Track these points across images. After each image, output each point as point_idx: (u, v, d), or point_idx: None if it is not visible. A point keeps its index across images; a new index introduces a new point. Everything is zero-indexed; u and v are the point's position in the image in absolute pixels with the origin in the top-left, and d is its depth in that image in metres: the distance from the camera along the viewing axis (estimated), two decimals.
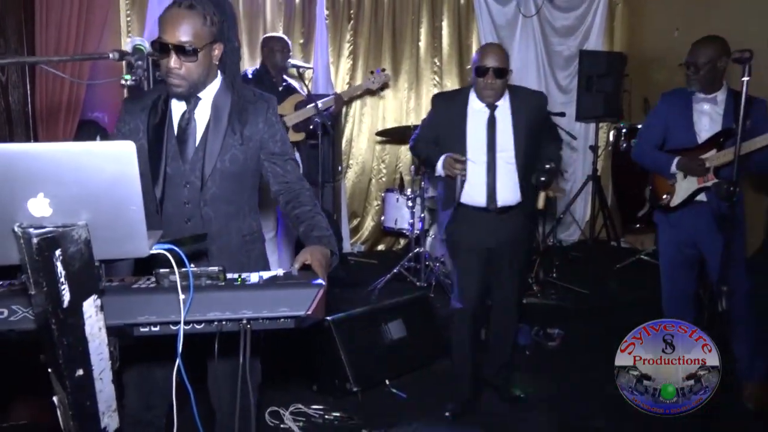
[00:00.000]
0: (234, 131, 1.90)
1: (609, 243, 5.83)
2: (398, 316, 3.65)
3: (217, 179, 1.90)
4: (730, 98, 3.13)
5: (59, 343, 1.23)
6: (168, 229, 1.85)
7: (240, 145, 1.91)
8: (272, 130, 1.96)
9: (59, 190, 1.19)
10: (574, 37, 6.26)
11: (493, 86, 2.87)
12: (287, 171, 1.98)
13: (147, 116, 1.91)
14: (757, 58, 2.47)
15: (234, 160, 1.91)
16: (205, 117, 1.91)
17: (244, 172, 1.95)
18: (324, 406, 3.20)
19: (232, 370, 1.87)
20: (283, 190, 1.98)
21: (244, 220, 2.00)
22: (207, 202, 1.90)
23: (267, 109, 1.95)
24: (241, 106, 1.91)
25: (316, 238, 1.84)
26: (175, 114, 1.92)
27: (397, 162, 6.11)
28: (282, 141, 1.98)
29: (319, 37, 5.68)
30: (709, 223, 3.12)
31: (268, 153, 1.96)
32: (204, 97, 1.91)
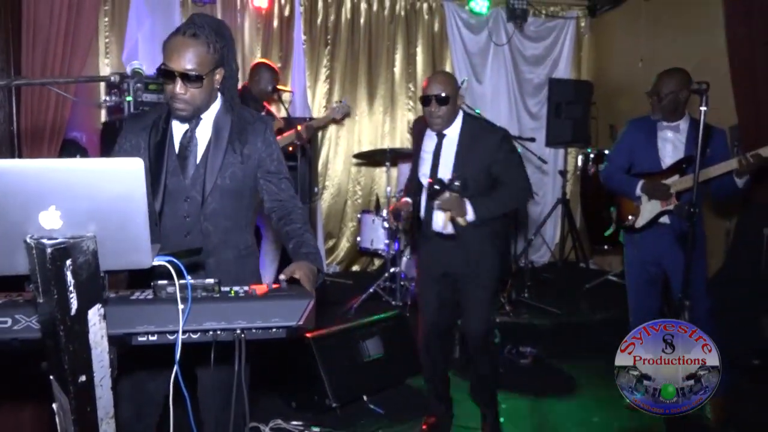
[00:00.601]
0: (234, 150, 1.98)
1: (578, 264, 6.00)
2: (375, 333, 3.73)
3: (217, 195, 1.98)
4: (692, 127, 3.33)
5: (66, 349, 1.28)
6: (167, 241, 1.92)
7: (240, 164, 1.99)
8: (270, 149, 2.05)
9: (70, 204, 1.26)
10: (543, 66, 6.49)
11: (438, 114, 2.85)
12: (281, 189, 2.07)
13: (148, 134, 2.00)
14: (719, 89, 2.63)
15: (233, 177, 1.99)
16: (206, 135, 2.00)
17: (243, 189, 2.03)
18: (303, 421, 3.25)
19: (222, 380, 1.94)
20: (276, 207, 2.07)
21: (241, 235, 2.08)
22: (207, 216, 1.98)
23: (265, 130, 2.05)
24: (240, 126, 2.01)
25: (304, 254, 1.92)
26: (176, 132, 2.01)
27: (372, 184, 6.21)
28: (278, 160, 2.07)
29: (296, 61, 5.80)
30: (672, 244, 3.30)
31: (265, 171, 2.05)
32: (205, 117, 2.00)
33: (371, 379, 3.58)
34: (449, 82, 2.89)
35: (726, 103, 4.33)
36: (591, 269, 5.93)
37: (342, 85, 5.99)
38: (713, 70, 4.14)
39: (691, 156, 3.27)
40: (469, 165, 2.86)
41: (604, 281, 5.43)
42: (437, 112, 2.84)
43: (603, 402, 3.66)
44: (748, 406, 2.15)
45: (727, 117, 4.40)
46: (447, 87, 2.84)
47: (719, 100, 3.41)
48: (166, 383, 2.05)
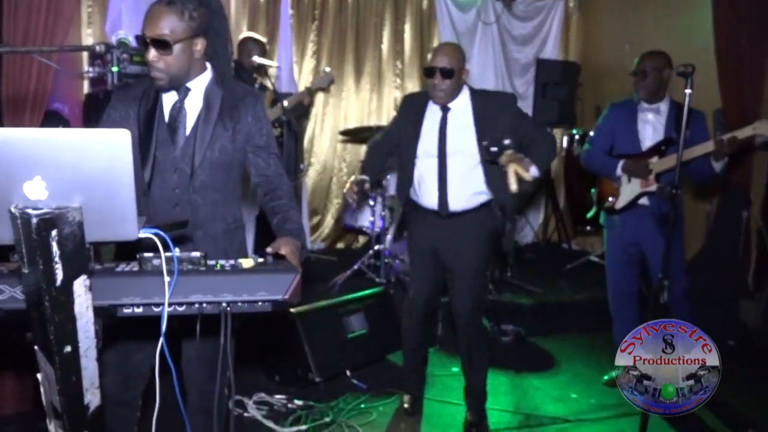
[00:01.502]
0: (224, 123, 1.98)
1: (560, 245, 6.07)
2: (359, 309, 3.76)
3: (207, 168, 1.98)
4: (672, 109, 3.37)
5: (51, 320, 1.29)
6: (156, 212, 1.93)
7: (230, 137, 1.99)
8: (259, 124, 2.04)
9: (55, 174, 1.25)
10: (531, 46, 6.47)
11: (441, 87, 2.79)
12: (269, 164, 2.06)
13: (138, 104, 1.98)
14: (704, 73, 2.66)
15: (223, 150, 1.99)
16: (197, 107, 1.99)
17: (232, 163, 2.03)
18: (287, 395, 3.28)
19: (207, 353, 1.96)
20: (262, 182, 2.07)
21: (229, 208, 2.08)
22: (196, 189, 1.98)
23: (255, 104, 2.04)
24: (231, 99, 2.00)
25: (288, 230, 1.93)
26: (166, 103, 2.00)
27: (358, 161, 6.18)
28: (267, 135, 2.07)
29: (283, 36, 5.73)
30: (651, 225, 3.35)
31: (254, 146, 2.05)
32: (194, 88, 1.98)
33: (354, 355, 3.62)
34: (455, 54, 2.80)
35: (711, 86, 4.37)
36: (573, 250, 6.00)
37: (329, 61, 5.93)
38: (699, 54, 4.17)
39: (670, 138, 3.31)
40: (494, 131, 2.75)
41: (586, 262, 5.50)
42: (441, 84, 2.78)
43: (581, 378, 3.74)
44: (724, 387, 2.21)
45: (712, 100, 4.44)
46: (452, 60, 2.77)
47: (704, 83, 3.44)
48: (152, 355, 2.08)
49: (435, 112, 2.91)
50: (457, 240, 2.93)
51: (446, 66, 2.76)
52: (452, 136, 2.87)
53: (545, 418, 3.26)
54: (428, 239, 3.01)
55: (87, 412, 1.41)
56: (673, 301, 2.64)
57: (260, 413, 3.11)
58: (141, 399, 2.12)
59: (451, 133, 2.87)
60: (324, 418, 3.11)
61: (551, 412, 3.32)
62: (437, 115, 2.89)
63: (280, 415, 3.12)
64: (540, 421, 3.23)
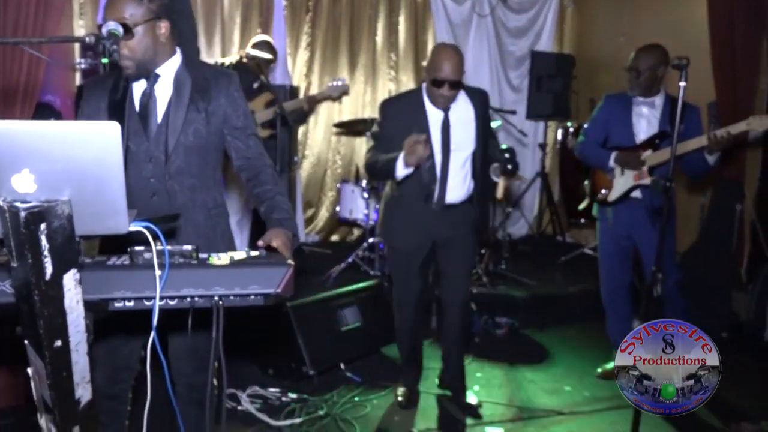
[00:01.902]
0: (196, 106, 1.94)
1: (555, 237, 6.07)
2: (353, 302, 3.75)
3: (181, 153, 1.94)
4: (666, 103, 3.37)
5: (40, 314, 1.27)
6: (133, 204, 1.89)
7: (203, 120, 1.95)
8: (235, 104, 2.00)
9: (44, 167, 1.24)
10: (525, 38, 6.45)
11: (448, 96, 2.85)
12: (249, 146, 2.03)
13: (108, 96, 1.94)
14: (699, 66, 2.65)
15: (197, 134, 1.95)
16: (167, 93, 1.95)
17: (208, 147, 1.99)
18: (281, 388, 3.28)
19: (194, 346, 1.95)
20: (244, 165, 2.04)
21: (209, 193, 2.04)
22: (172, 175, 1.95)
23: (229, 85, 2.00)
24: (202, 81, 1.96)
25: (277, 220, 1.90)
26: (136, 92, 1.96)
27: (352, 154, 6.18)
28: (244, 116, 2.02)
29: (276, 28, 5.69)
30: (643, 218, 3.36)
31: (231, 127, 2.01)
32: (163, 74, 1.94)
33: (348, 348, 3.62)
34: (462, 63, 2.85)
35: (705, 79, 4.36)
36: (567, 242, 6.00)
37: (323, 53, 5.90)
38: (694, 47, 4.15)
39: (664, 131, 3.32)
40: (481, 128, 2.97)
41: (580, 254, 5.51)
42: (449, 95, 2.84)
43: (575, 371, 3.75)
44: None
45: (706, 93, 4.44)
46: (461, 71, 2.83)
47: (699, 76, 3.43)
48: (140, 348, 2.07)
49: (436, 115, 2.94)
50: (451, 231, 3.01)
51: (456, 79, 2.82)
52: (454, 134, 2.94)
53: (539, 410, 3.26)
54: (421, 233, 3.02)
55: (78, 407, 1.41)
56: (666, 293, 2.65)
57: (254, 406, 3.11)
58: (131, 392, 2.11)
59: (453, 131, 2.93)
60: (318, 411, 3.11)
61: (545, 404, 3.33)
62: (438, 116, 2.93)
63: (273, 409, 3.12)
64: (533, 413, 3.24)
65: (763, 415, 3.06)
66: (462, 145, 2.96)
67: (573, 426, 3.12)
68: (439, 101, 2.88)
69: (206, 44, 5.46)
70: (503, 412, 3.24)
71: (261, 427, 2.98)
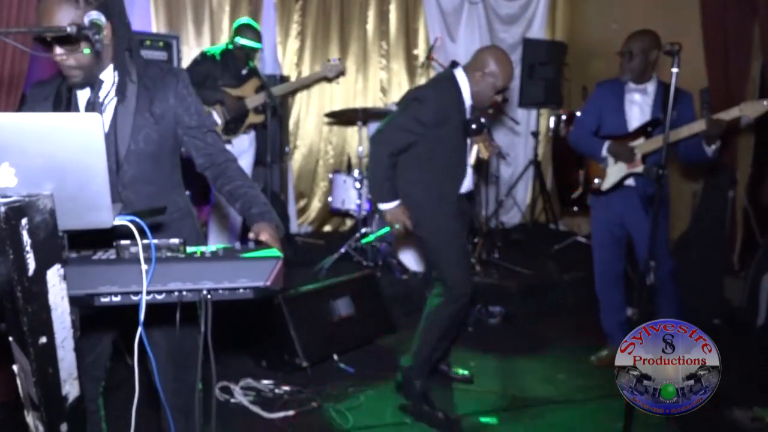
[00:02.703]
0: (144, 110, 1.84)
1: (548, 225, 6.08)
2: (346, 293, 3.74)
3: (133, 161, 1.85)
4: (659, 90, 3.35)
5: (24, 311, 1.25)
6: None
7: (153, 124, 1.85)
8: (185, 103, 1.90)
9: (25, 161, 1.21)
10: (517, 25, 6.42)
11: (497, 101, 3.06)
12: (208, 143, 1.95)
13: (51, 105, 1.84)
14: (691, 52, 2.63)
15: (148, 139, 1.86)
16: (112, 99, 1.84)
17: (161, 151, 1.90)
18: (274, 380, 3.26)
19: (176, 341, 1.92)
20: (207, 163, 1.96)
21: (169, 197, 1.95)
22: (126, 185, 1.85)
23: (177, 83, 1.89)
24: (148, 82, 1.86)
25: (258, 215, 1.85)
26: (81, 100, 1.85)
27: (344, 143, 6.16)
28: (197, 113, 1.93)
29: (266, 16, 5.64)
30: (637, 206, 3.35)
31: (186, 127, 1.92)
32: (107, 79, 1.83)
33: (342, 339, 3.61)
34: None
35: (697, 65, 4.35)
36: (560, 230, 6.01)
37: (314, 41, 5.86)
38: (686, 33, 4.14)
39: (657, 119, 3.30)
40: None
41: (573, 242, 5.51)
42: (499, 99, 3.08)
43: (568, 359, 3.76)
44: None
45: (698, 80, 4.43)
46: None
47: (690, 62, 3.42)
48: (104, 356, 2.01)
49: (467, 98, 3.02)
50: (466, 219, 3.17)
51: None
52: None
53: (532, 399, 3.27)
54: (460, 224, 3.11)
55: (65, 404, 1.39)
56: (658, 281, 2.64)
57: (247, 399, 3.10)
58: (101, 398, 2.07)
59: None
60: (311, 402, 3.09)
61: (538, 393, 3.33)
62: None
63: (267, 401, 3.11)
64: (527, 402, 3.24)
65: (755, 401, 3.07)
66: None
67: (567, 414, 3.13)
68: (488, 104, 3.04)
69: (195, 33, 5.41)
70: (496, 401, 3.24)
71: (254, 419, 2.97)
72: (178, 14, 5.33)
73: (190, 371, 2.00)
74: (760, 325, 4.11)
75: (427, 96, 2.88)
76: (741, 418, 3.00)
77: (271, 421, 2.94)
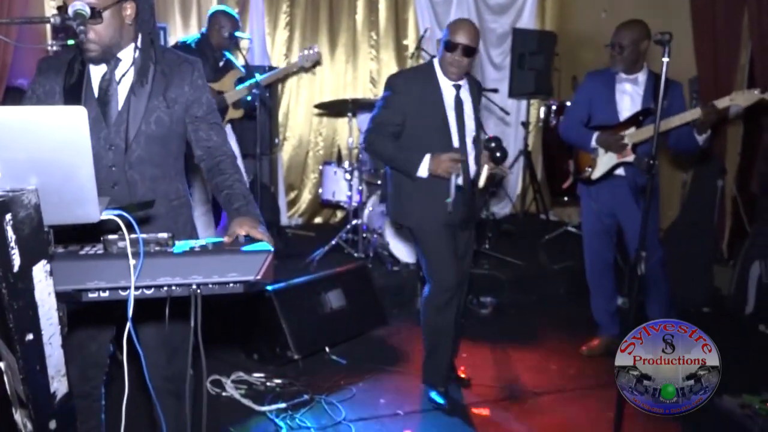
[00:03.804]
0: (159, 94, 1.87)
1: (538, 216, 6.08)
2: (338, 285, 3.73)
3: (142, 142, 1.87)
4: (650, 79, 3.35)
5: (9, 308, 1.23)
6: None
7: (165, 108, 1.88)
8: (197, 93, 1.94)
9: (8, 155, 1.19)
10: (507, 15, 6.39)
11: (460, 63, 2.79)
12: (210, 136, 1.96)
13: (63, 78, 1.86)
14: (680, 41, 2.63)
15: (159, 122, 1.88)
16: (128, 78, 1.87)
17: (170, 136, 1.93)
18: (265, 373, 3.25)
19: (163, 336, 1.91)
20: (205, 155, 1.96)
21: (171, 183, 1.98)
22: (132, 165, 1.87)
23: (192, 72, 1.93)
24: (165, 68, 1.89)
25: (235, 210, 1.83)
26: (94, 76, 1.87)
27: (334, 135, 6.12)
28: (207, 105, 1.96)
29: (254, 7, 5.59)
30: (627, 195, 3.36)
31: (192, 117, 1.94)
32: (124, 58, 1.86)
33: (333, 331, 3.60)
34: (477, 34, 2.83)
35: (686, 55, 4.35)
36: (551, 220, 6.01)
37: (303, 32, 5.81)
38: (675, 22, 4.15)
39: (647, 108, 3.30)
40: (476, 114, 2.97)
41: (563, 232, 5.51)
42: (461, 61, 2.78)
43: (560, 349, 3.77)
44: None
45: (687, 69, 4.44)
46: (476, 39, 2.79)
47: (680, 52, 3.42)
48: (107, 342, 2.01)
49: (448, 90, 2.88)
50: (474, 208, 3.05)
51: (470, 44, 2.76)
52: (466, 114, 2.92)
53: (524, 389, 3.28)
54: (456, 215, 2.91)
55: (54, 401, 1.37)
56: (648, 270, 2.65)
57: (239, 392, 3.09)
58: (104, 387, 2.07)
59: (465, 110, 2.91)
60: (303, 395, 3.09)
61: (530, 383, 3.34)
62: (452, 91, 2.88)
63: (258, 394, 3.10)
64: (519, 392, 3.25)
65: (744, 388, 3.09)
66: (471, 129, 2.94)
67: (559, 404, 3.14)
68: (450, 69, 2.81)
69: (182, 24, 5.35)
70: (489, 391, 3.25)
71: (246, 412, 2.96)
72: (165, 4, 5.27)
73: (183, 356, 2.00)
74: (749, 313, 4.15)
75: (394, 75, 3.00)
76: (730, 405, 3.02)
77: (263, 414, 2.94)
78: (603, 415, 2.88)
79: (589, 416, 3.01)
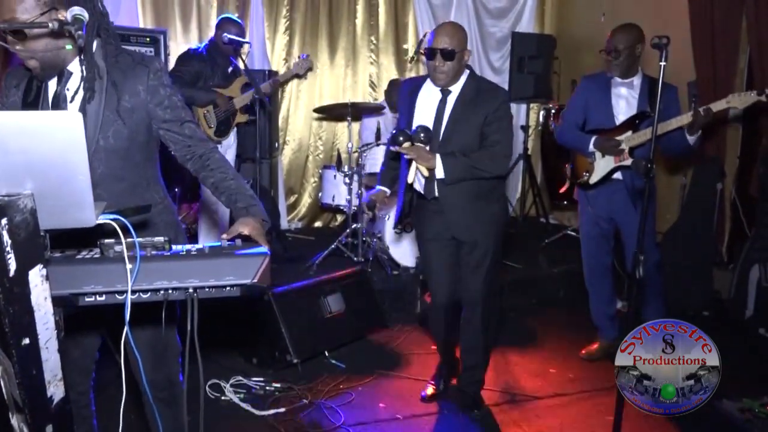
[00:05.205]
0: (112, 107, 1.75)
1: (538, 219, 6.08)
2: (337, 289, 3.73)
3: (103, 158, 1.77)
4: (645, 83, 3.35)
5: (5, 312, 1.23)
6: None
7: (121, 120, 1.76)
8: (157, 96, 1.81)
9: (4, 159, 1.19)
10: (506, 19, 6.41)
11: (443, 69, 2.69)
12: (185, 135, 1.87)
13: (23, 93, 1.79)
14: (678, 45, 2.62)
15: (118, 135, 1.77)
16: (81, 92, 1.75)
17: (131, 147, 1.82)
18: (264, 378, 3.25)
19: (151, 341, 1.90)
20: (188, 155, 1.89)
21: (143, 195, 1.88)
22: (96, 183, 1.67)
23: (147, 74, 1.79)
24: (117, 76, 1.76)
25: (243, 209, 1.80)
26: (51, 90, 1.78)
27: (334, 139, 6.13)
28: (171, 106, 1.84)
29: (254, 11, 5.60)
30: (624, 199, 3.36)
31: (160, 121, 1.84)
32: (75, 71, 1.75)
33: (332, 335, 3.60)
34: (456, 35, 2.69)
35: (685, 58, 4.36)
36: (551, 224, 6.01)
37: (302, 36, 5.82)
38: (673, 25, 4.15)
39: (644, 112, 3.30)
40: (462, 122, 2.74)
41: (563, 236, 5.51)
42: (442, 67, 2.68)
43: (559, 353, 3.76)
44: None
45: (686, 72, 4.44)
46: (453, 40, 2.67)
47: (678, 55, 3.42)
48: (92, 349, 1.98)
49: (433, 95, 2.82)
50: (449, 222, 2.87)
51: (447, 47, 2.66)
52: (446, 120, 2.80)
53: (523, 393, 3.27)
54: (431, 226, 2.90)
55: (51, 405, 1.37)
56: (645, 274, 2.64)
57: (238, 396, 3.09)
58: (92, 392, 2.06)
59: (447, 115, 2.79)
60: (302, 399, 3.09)
61: (529, 387, 3.34)
62: (435, 98, 2.81)
63: (258, 398, 3.10)
64: (518, 396, 3.24)
65: (743, 392, 3.08)
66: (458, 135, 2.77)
67: (558, 408, 3.13)
68: (435, 76, 2.73)
69: (182, 29, 5.37)
70: (488, 395, 3.23)
71: (245, 417, 2.95)
72: (166, 9, 5.29)
73: (169, 362, 2.00)
74: (749, 316, 4.14)
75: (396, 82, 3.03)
76: (730, 408, 3.01)
77: (262, 419, 2.93)
78: (602, 420, 2.87)
79: (588, 420, 3.00)
